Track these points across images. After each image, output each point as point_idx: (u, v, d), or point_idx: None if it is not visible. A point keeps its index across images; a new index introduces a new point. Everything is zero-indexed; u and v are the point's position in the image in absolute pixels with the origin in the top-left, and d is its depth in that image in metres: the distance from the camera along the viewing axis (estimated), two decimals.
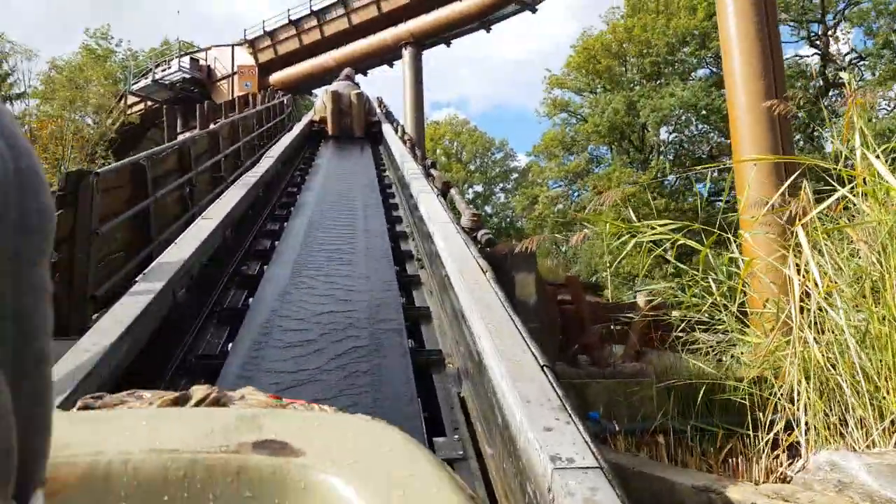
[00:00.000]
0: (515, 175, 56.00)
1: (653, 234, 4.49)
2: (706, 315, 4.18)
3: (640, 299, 11.48)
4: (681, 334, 4.26)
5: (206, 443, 0.71)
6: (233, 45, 32.62)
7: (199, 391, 1.03)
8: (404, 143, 12.79)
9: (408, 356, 3.49)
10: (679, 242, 4.66)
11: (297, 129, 14.80)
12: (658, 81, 35.73)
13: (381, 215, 7.77)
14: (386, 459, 0.70)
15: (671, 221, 4.61)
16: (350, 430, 0.76)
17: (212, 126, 11.53)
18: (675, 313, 4.71)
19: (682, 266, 4.66)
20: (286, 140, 12.75)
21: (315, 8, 29.66)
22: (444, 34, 28.04)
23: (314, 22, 29.85)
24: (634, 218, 4.85)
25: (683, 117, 33.67)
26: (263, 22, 31.19)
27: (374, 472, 0.68)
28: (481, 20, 27.32)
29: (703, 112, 32.85)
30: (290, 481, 0.67)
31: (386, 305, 4.35)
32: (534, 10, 27.14)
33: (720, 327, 4.26)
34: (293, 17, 30.34)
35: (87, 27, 44.30)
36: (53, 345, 0.30)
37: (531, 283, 5.92)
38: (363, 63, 29.87)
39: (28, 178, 0.27)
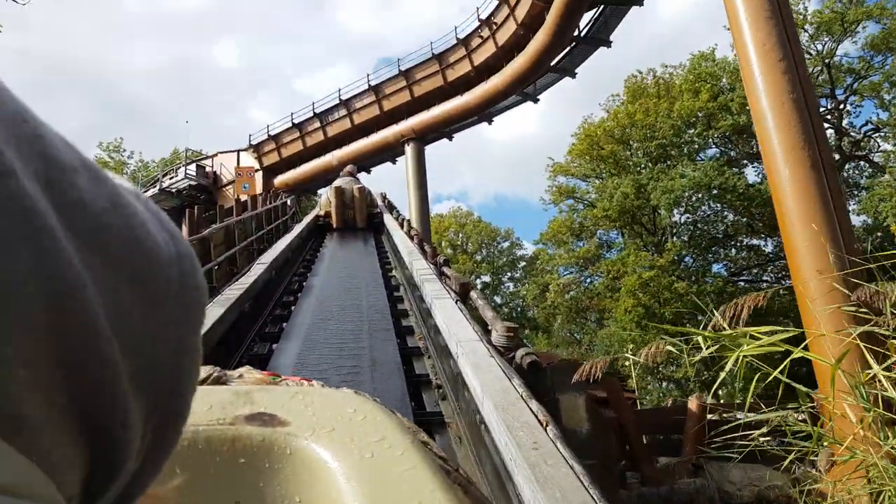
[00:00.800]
0: (523, 263, 55.14)
1: (758, 348, 3.29)
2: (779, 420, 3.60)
3: (693, 402, 10.17)
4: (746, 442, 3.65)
5: (207, 417, 0.78)
6: (238, 151, 32.54)
7: (202, 371, 1.03)
8: (411, 238, 11.77)
9: None
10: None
11: (297, 229, 14.36)
12: (665, 163, 35.29)
13: (390, 326, 6.59)
14: (359, 426, 0.79)
15: (777, 329, 3.39)
16: (331, 401, 0.84)
17: (203, 232, 10.56)
18: (739, 415, 4.15)
19: (800, 387, 3.44)
20: (282, 244, 11.85)
21: (318, 110, 29.64)
22: (445, 128, 27.78)
23: (317, 124, 29.77)
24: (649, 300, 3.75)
25: (695, 198, 32.91)
26: (268, 126, 31.24)
27: (348, 438, 0.76)
28: (482, 113, 27.08)
29: (716, 191, 32.12)
30: (278, 448, 0.75)
31: None
32: (535, 101, 26.92)
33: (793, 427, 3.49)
34: (297, 120, 30.32)
35: (100, 140, 44.71)
36: None
37: (581, 408, 4.68)
38: (366, 161, 29.55)
39: (187, 259, 0.30)
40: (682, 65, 37.18)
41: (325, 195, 16.80)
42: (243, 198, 21.55)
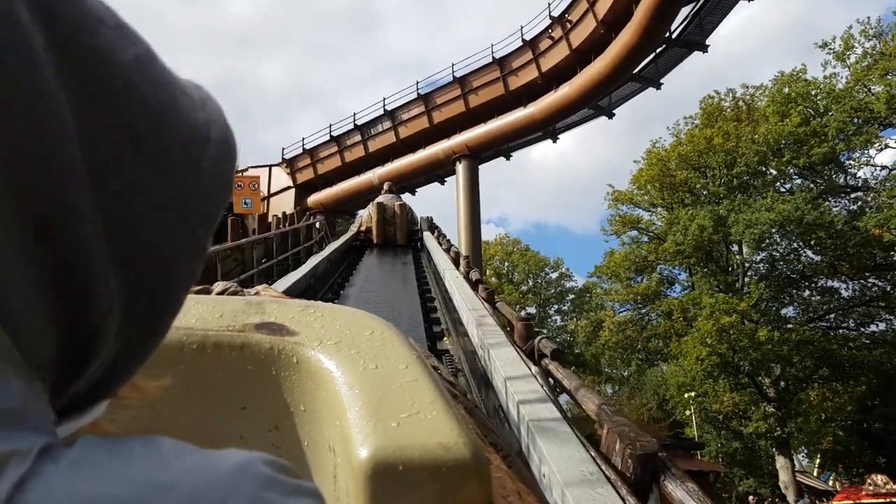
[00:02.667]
0: (572, 296, 50.86)
1: None
2: None
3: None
4: None
5: (217, 323, 0.79)
6: (270, 166, 29.10)
7: (219, 285, 1.07)
8: (474, 287, 8.12)
9: None
10: None
11: (326, 252, 12.98)
12: (744, 194, 30.75)
13: None
14: (365, 341, 0.78)
15: None
16: (340, 317, 0.83)
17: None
18: None
19: None
20: (301, 270, 9.75)
21: (360, 122, 26.02)
22: (503, 144, 23.83)
23: (357, 137, 26.14)
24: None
25: (781, 234, 28.22)
26: (303, 139, 27.72)
27: (354, 350, 0.76)
28: (548, 128, 23.05)
29: (805, 227, 27.43)
30: (285, 356, 0.76)
31: None
32: (610, 116, 22.82)
33: None
34: (335, 133, 26.75)
35: None
36: None
37: None
38: (411, 180, 25.76)
39: (213, 146, 0.29)
40: (763, 86, 32.77)
41: (367, 211, 16.51)
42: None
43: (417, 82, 24.00)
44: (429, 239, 14.61)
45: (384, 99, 24.98)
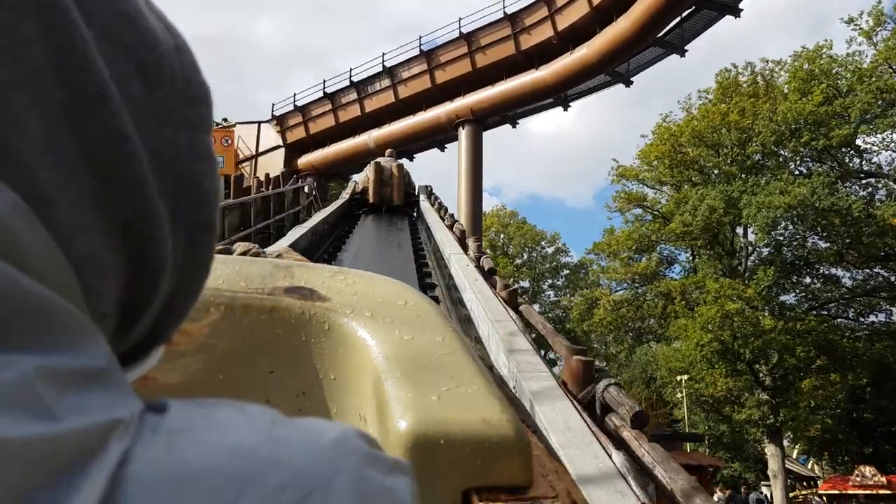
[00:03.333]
0: (566, 271, 49.56)
1: None
2: None
3: None
4: None
5: (245, 285, 0.76)
6: (259, 123, 27.07)
7: (241, 246, 1.05)
8: (489, 281, 6.52)
9: None
10: None
11: (313, 220, 11.73)
12: (757, 175, 29.11)
13: None
14: (399, 310, 0.76)
15: None
16: (372, 285, 0.81)
17: None
18: None
19: None
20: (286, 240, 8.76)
21: (356, 78, 24.01)
22: (511, 110, 21.93)
23: (353, 95, 24.14)
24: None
25: (796, 218, 26.65)
26: (294, 95, 25.66)
27: (388, 320, 0.74)
28: (560, 94, 21.17)
29: (821, 213, 25.87)
30: (316, 322, 0.74)
31: None
32: (628, 83, 20.97)
33: None
34: (329, 89, 24.71)
35: None
36: None
37: None
38: (410, 145, 23.86)
39: (186, 53, 0.29)
40: (783, 62, 30.89)
41: (363, 173, 16.08)
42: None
43: (420, 37, 22.02)
44: (427, 211, 13.32)
45: (383, 54, 22.99)
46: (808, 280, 30.15)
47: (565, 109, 22.24)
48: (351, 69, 23.75)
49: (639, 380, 36.91)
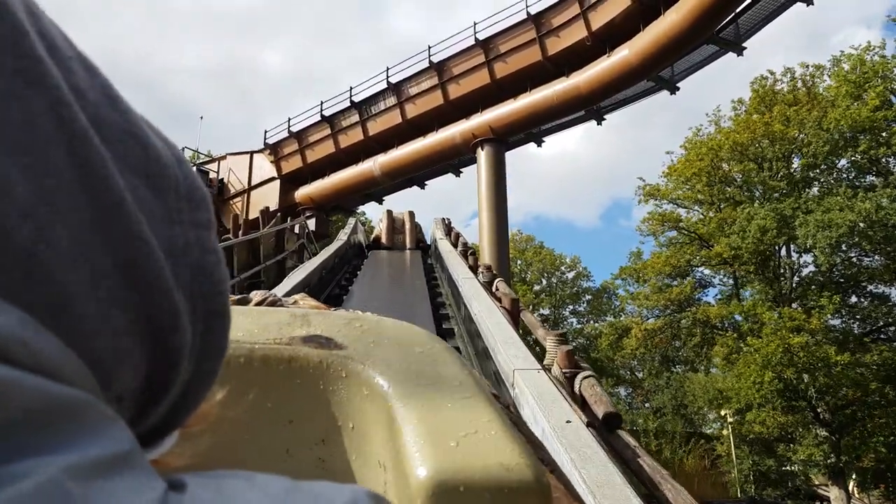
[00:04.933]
0: (588, 297, 46.26)
1: None
2: None
3: None
4: None
5: (263, 336, 0.77)
6: (251, 153, 23.89)
7: (258, 295, 1.07)
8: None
9: None
10: None
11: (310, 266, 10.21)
12: (806, 190, 25.67)
13: None
14: (415, 355, 0.75)
15: None
16: (388, 330, 0.81)
17: None
18: None
19: None
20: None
21: (357, 98, 20.78)
22: (537, 126, 18.61)
23: (355, 117, 20.90)
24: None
25: (857, 238, 23.08)
26: (289, 120, 22.43)
27: (405, 365, 0.73)
28: (594, 105, 17.85)
29: (890, 230, 22.31)
30: (333, 370, 0.74)
31: None
32: (673, 90, 17.61)
33: None
34: (328, 112, 21.49)
35: None
36: None
37: None
38: (420, 170, 20.56)
39: (184, 164, 0.31)
40: (821, 66, 27.56)
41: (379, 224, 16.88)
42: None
43: (429, 47, 18.75)
44: (444, 247, 12.11)
45: (387, 69, 19.73)
46: (853, 299, 26.64)
47: (599, 123, 18.92)
48: (351, 87, 20.53)
49: (668, 407, 33.63)
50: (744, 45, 16.13)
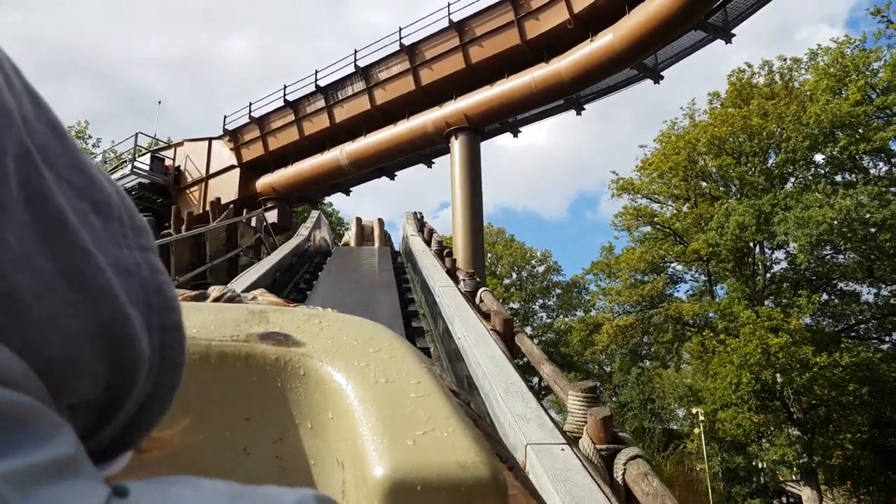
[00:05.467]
0: (558, 291, 45.64)
1: None
2: None
3: None
4: None
5: (220, 332, 0.75)
6: (210, 139, 22.29)
7: (216, 290, 1.05)
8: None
9: None
10: None
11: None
12: (782, 186, 25.07)
13: None
14: (374, 352, 0.75)
15: None
16: (347, 327, 0.80)
17: None
18: None
19: None
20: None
21: (322, 83, 19.34)
22: (514, 115, 17.47)
23: (320, 103, 19.48)
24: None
25: (836, 235, 22.50)
26: (250, 105, 20.88)
27: (364, 363, 0.72)
28: (574, 94, 16.77)
29: (870, 227, 21.78)
30: (291, 368, 0.73)
31: None
32: (657, 80, 16.62)
33: None
34: (291, 97, 20.02)
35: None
36: None
37: None
38: (391, 160, 19.27)
39: (125, 197, 0.32)
40: (798, 60, 26.96)
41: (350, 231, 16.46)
42: None
43: (400, 29, 17.41)
44: (416, 245, 10.43)
45: (355, 52, 18.32)
46: (824, 297, 26.21)
47: (578, 113, 17.83)
48: (317, 71, 19.07)
49: (636, 402, 33.24)
50: (733, 31, 15.17)
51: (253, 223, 13.35)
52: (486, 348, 4.10)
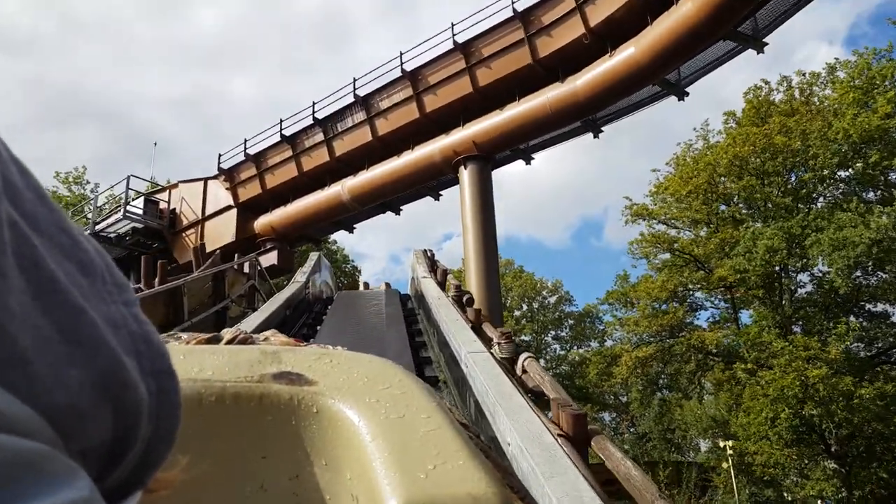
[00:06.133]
0: (570, 321, 44.15)
1: None
2: None
3: None
4: None
5: (234, 373, 0.76)
6: (205, 179, 20.96)
7: (228, 332, 1.09)
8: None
9: None
10: None
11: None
12: (810, 206, 23.47)
13: None
14: (385, 389, 0.76)
15: None
16: (358, 365, 0.81)
17: None
18: None
19: None
20: None
21: (321, 115, 18.02)
22: (527, 140, 16.05)
23: (319, 136, 18.12)
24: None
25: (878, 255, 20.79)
26: (245, 141, 19.56)
27: (374, 399, 0.74)
28: (593, 114, 15.35)
29: None
30: (304, 406, 0.74)
31: None
32: (682, 96, 15.19)
33: None
34: (288, 132, 18.69)
35: (56, 171, 33.40)
36: None
37: None
38: (395, 193, 17.84)
39: (104, 255, 0.33)
40: (816, 74, 25.58)
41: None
42: None
43: (401, 53, 16.11)
44: (429, 289, 8.68)
45: (354, 80, 17.00)
46: (851, 320, 24.40)
47: (596, 136, 16.39)
48: (314, 102, 17.75)
49: (655, 432, 31.44)
50: (764, 40, 13.76)
51: (246, 269, 11.86)
52: (563, 480, 2.53)
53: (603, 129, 16.36)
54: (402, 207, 19.63)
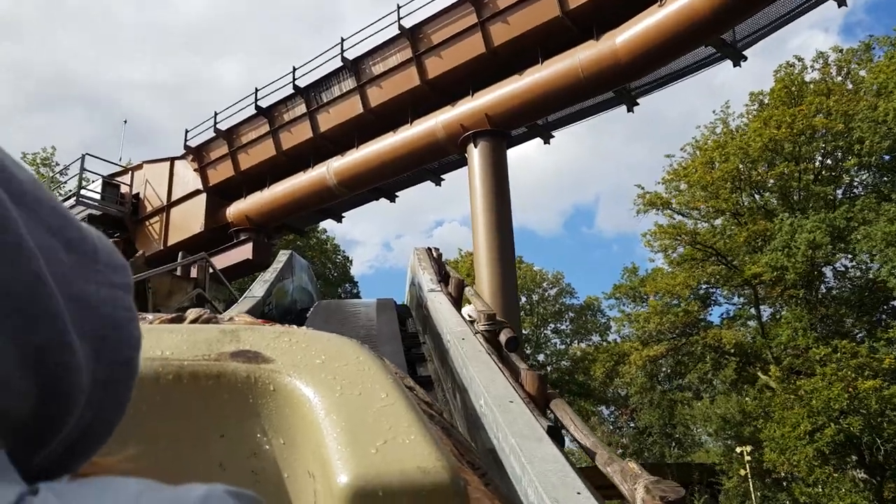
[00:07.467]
0: (571, 314, 41.87)
1: None
2: None
3: None
4: None
5: (192, 352, 0.76)
6: (172, 159, 17.91)
7: (193, 313, 1.02)
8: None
9: None
10: None
11: None
12: (848, 197, 20.81)
13: None
14: (342, 366, 0.75)
15: None
16: (315, 343, 0.79)
17: None
18: None
19: None
20: None
21: (302, 83, 14.99)
22: (550, 112, 13.12)
23: (300, 108, 15.10)
24: None
25: None
26: (216, 115, 16.50)
27: (331, 376, 0.73)
28: (627, 83, 12.44)
29: None
30: (261, 384, 0.73)
31: None
32: (738, 61, 12.30)
33: None
34: (264, 102, 15.66)
35: (23, 151, 30.14)
36: None
37: None
38: (389, 178, 14.88)
39: (105, 240, 0.34)
40: (851, 50, 22.83)
41: None
42: None
43: (399, 7, 13.09)
44: (442, 314, 6.18)
45: (342, 40, 13.98)
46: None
47: (630, 109, 13.52)
48: (294, 68, 14.72)
49: (656, 427, 29.48)
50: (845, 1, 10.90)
51: (194, 273, 8.98)
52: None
53: (638, 101, 13.46)
54: (397, 193, 16.71)
